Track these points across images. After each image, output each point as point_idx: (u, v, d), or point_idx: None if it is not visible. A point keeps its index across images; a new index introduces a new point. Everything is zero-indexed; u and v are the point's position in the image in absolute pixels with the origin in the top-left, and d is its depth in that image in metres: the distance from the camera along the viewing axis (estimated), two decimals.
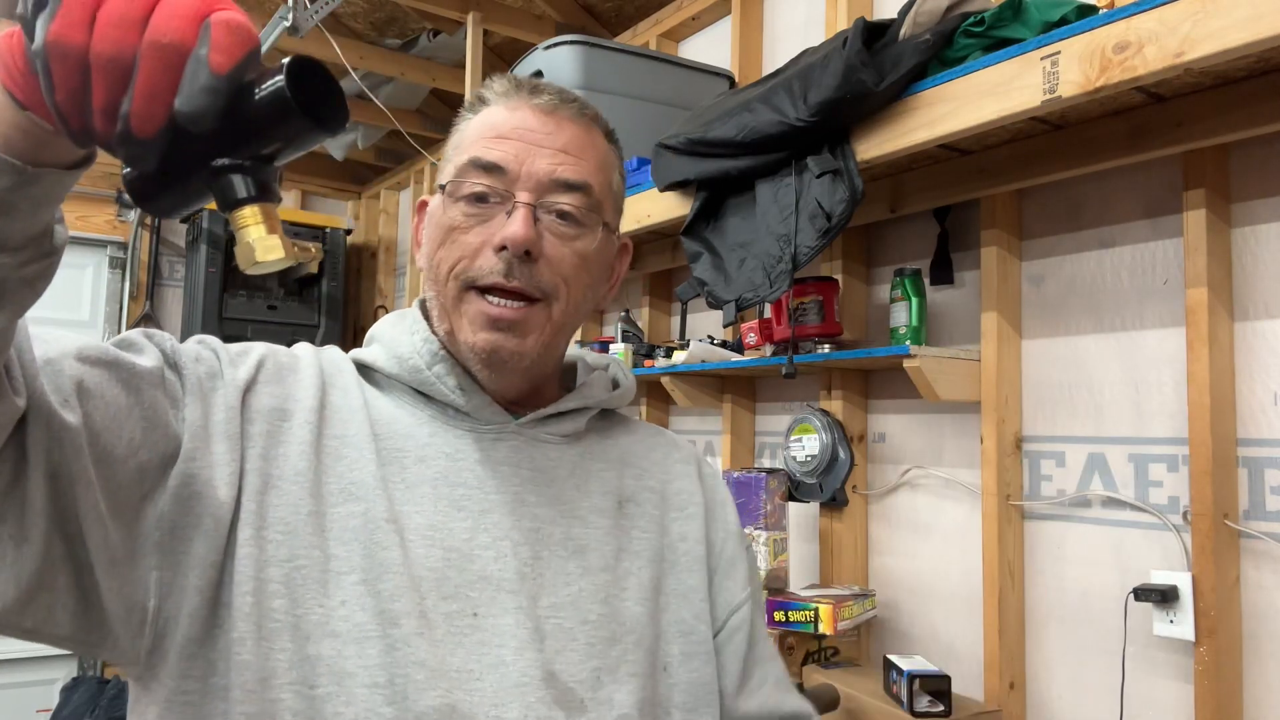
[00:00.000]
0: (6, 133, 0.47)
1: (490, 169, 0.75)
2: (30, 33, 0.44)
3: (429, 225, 0.79)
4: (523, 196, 0.74)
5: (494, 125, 0.77)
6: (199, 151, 0.47)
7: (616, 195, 0.83)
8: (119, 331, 3.93)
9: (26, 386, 0.55)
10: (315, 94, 0.48)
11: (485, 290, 0.74)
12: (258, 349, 0.76)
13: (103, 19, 0.43)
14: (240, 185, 0.48)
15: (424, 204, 0.84)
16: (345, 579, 0.68)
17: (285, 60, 0.47)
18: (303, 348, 0.80)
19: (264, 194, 0.49)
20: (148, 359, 0.66)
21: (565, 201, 0.76)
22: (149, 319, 3.98)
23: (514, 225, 0.73)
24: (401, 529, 0.71)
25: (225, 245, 3.77)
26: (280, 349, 0.78)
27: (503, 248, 0.73)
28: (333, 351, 0.82)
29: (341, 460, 0.72)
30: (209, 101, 0.43)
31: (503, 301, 0.74)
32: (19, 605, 0.57)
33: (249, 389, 0.71)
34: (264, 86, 0.47)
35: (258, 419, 0.71)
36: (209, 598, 0.65)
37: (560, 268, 0.75)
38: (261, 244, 0.48)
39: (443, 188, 0.77)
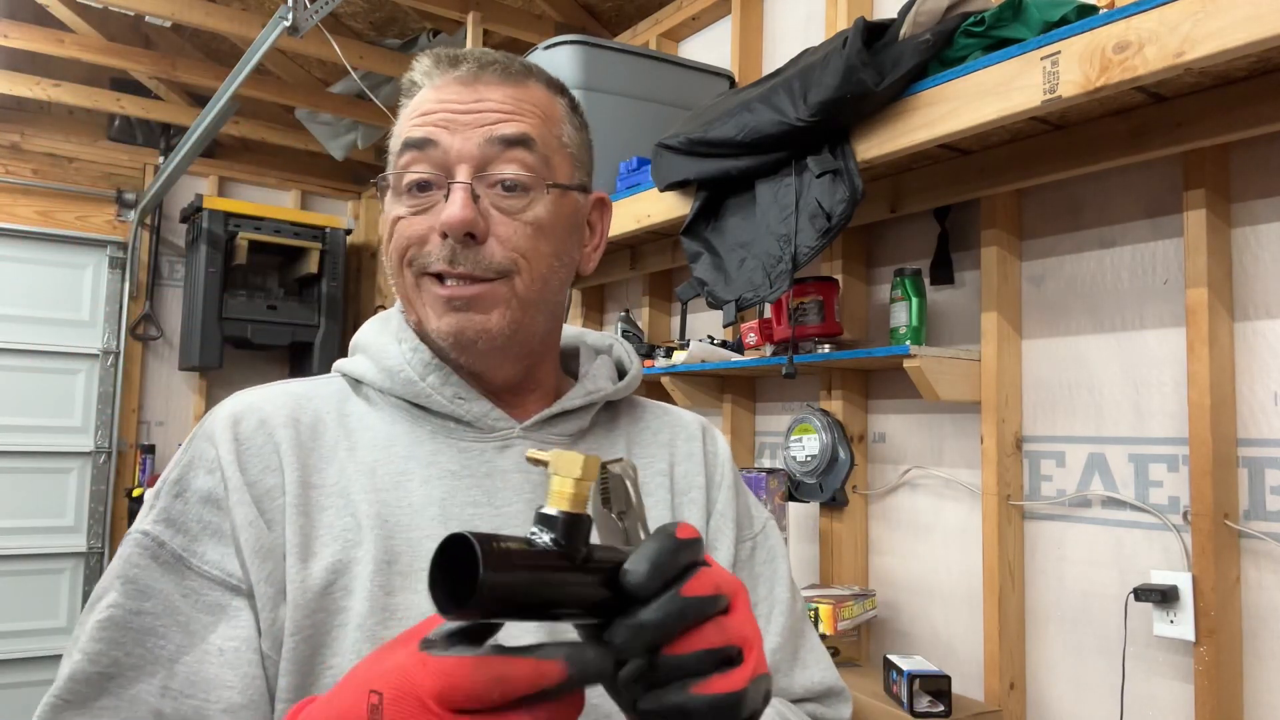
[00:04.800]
0: None
1: (420, 144, 0.72)
2: None
3: (382, 222, 0.77)
4: (461, 174, 0.71)
5: (420, 106, 0.74)
6: None
7: (574, 147, 0.78)
8: (119, 332, 3.92)
9: None
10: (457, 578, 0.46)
11: (437, 275, 0.72)
12: (209, 450, 0.70)
13: None
14: None
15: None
16: (352, 632, 0.67)
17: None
18: (258, 404, 0.74)
19: None
20: (226, 663, 0.66)
21: (507, 168, 0.72)
22: (149, 319, 3.98)
23: (451, 208, 0.70)
24: (410, 564, 0.69)
25: (225, 245, 3.78)
26: (241, 419, 0.72)
27: (445, 233, 0.71)
28: (304, 385, 0.78)
29: (326, 511, 0.70)
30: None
31: (455, 281, 0.71)
32: None
33: (230, 500, 0.69)
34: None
35: (259, 518, 0.68)
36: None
37: (514, 243, 0.72)
38: None
39: (384, 180, 0.74)
